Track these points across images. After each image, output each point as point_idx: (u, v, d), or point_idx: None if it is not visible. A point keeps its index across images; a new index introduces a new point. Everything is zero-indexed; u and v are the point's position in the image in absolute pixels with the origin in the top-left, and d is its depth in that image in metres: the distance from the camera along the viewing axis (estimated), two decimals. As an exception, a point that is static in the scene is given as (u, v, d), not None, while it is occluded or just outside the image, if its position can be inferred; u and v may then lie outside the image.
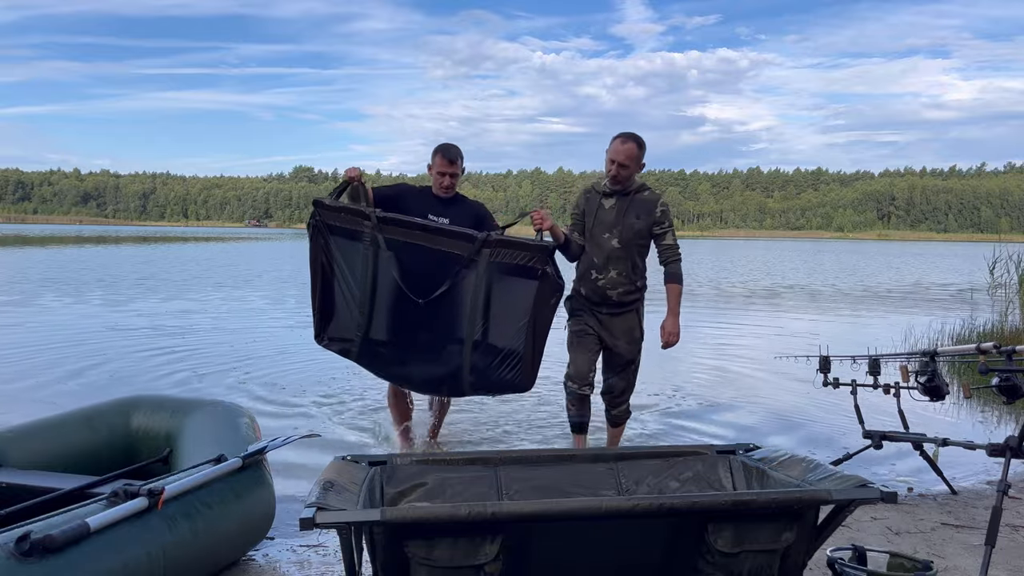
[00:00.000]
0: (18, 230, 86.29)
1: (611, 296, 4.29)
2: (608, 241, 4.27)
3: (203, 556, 2.73)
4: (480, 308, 3.95)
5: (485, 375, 4.03)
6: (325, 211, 4.05)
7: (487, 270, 3.94)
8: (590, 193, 4.41)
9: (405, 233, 4.01)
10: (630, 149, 4.19)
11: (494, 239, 3.93)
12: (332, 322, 4.14)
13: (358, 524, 1.72)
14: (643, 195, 4.29)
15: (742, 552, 1.85)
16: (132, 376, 7.40)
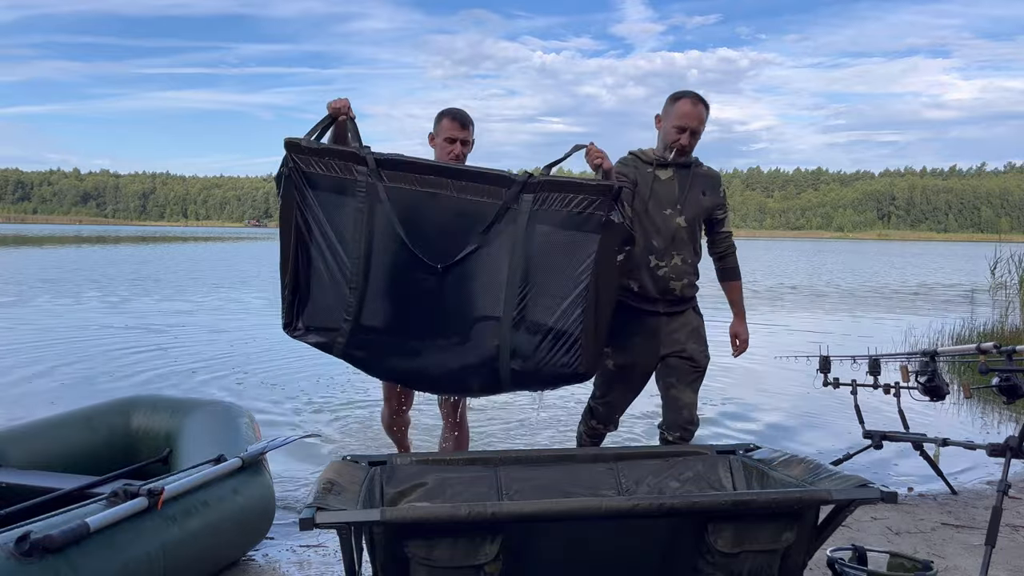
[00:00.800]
0: (17, 230, 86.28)
1: (674, 289, 3.41)
2: (671, 219, 3.38)
3: (203, 556, 2.73)
4: (520, 273, 2.97)
5: (531, 362, 3.01)
6: (303, 156, 3.02)
7: (530, 223, 2.97)
8: (636, 162, 3.46)
9: (415, 180, 3.02)
10: (702, 113, 3.37)
11: (539, 180, 2.98)
12: (309, 305, 3.10)
13: (358, 524, 1.72)
14: (703, 169, 3.51)
15: (742, 552, 1.84)
16: (131, 376, 7.40)
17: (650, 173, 3.41)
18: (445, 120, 3.46)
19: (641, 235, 3.36)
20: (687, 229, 3.41)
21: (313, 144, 3.01)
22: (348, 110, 3.08)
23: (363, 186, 3.03)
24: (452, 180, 3.00)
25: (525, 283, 2.98)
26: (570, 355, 2.98)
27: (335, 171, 3.03)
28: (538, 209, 2.97)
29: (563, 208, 2.97)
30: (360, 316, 3.07)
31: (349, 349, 3.11)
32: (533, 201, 2.97)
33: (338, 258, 3.06)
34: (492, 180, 2.99)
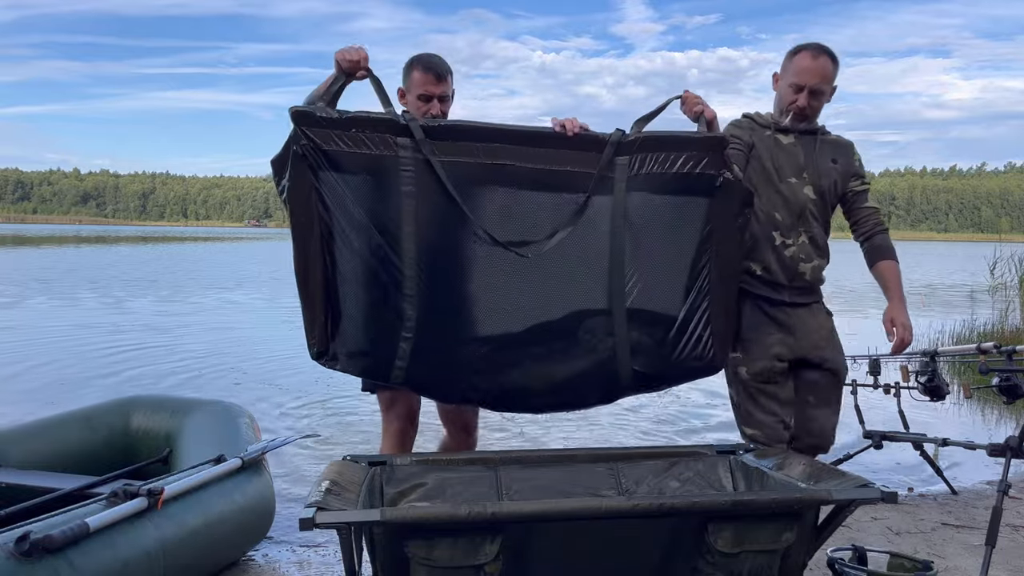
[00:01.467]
0: (17, 230, 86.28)
1: (803, 273, 2.82)
2: (798, 189, 2.81)
3: (203, 556, 2.73)
4: (627, 254, 2.45)
5: (657, 359, 2.51)
6: (318, 129, 2.32)
7: (628, 191, 2.45)
8: (752, 124, 2.91)
9: (477, 151, 2.40)
10: (825, 68, 2.77)
11: (635, 139, 2.45)
12: (347, 325, 2.40)
13: (358, 524, 1.72)
14: (831, 136, 2.94)
15: (742, 552, 1.85)
16: (131, 376, 7.40)
17: (769, 136, 2.84)
18: (416, 72, 2.71)
19: (763, 208, 2.80)
20: (817, 202, 2.84)
21: (332, 113, 2.30)
22: (366, 62, 2.42)
23: (410, 163, 2.35)
24: (527, 147, 2.40)
25: (634, 265, 2.47)
26: (701, 345, 2.51)
27: (368, 146, 2.34)
28: (636, 174, 2.45)
29: (666, 170, 2.45)
30: (425, 330, 2.38)
31: (414, 374, 2.42)
32: (631, 164, 2.45)
33: (384, 259, 2.35)
34: (579, 143, 2.43)
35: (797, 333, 2.83)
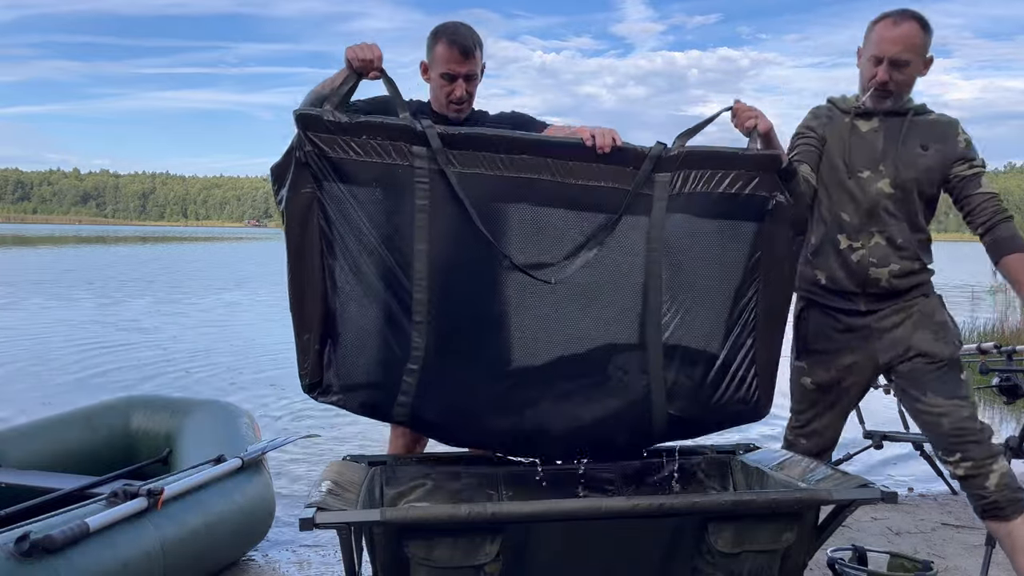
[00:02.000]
0: (17, 230, 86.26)
1: (877, 279, 2.48)
2: (869, 184, 2.49)
3: (203, 556, 2.73)
4: (663, 282, 2.18)
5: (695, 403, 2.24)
6: (326, 135, 2.08)
7: (668, 212, 2.18)
8: (831, 111, 2.61)
9: (500, 162, 2.15)
10: (909, 34, 2.40)
11: (678, 154, 2.18)
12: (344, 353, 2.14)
13: (358, 524, 1.72)
14: (928, 117, 2.55)
15: (742, 552, 1.84)
16: (131, 377, 7.40)
17: (847, 124, 2.53)
18: (440, 46, 2.42)
19: (828, 207, 2.54)
20: (895, 197, 2.48)
21: (342, 117, 2.06)
22: (380, 62, 2.18)
23: (425, 175, 2.11)
24: (555, 160, 2.15)
25: (672, 295, 2.20)
26: (744, 388, 2.23)
27: (379, 155, 2.10)
28: (678, 193, 2.18)
29: (711, 189, 2.19)
30: (433, 362, 2.12)
31: (419, 411, 2.15)
32: (670, 183, 2.18)
33: (391, 280, 2.11)
34: (615, 157, 2.15)
35: (875, 338, 2.50)
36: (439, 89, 2.45)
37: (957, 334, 2.51)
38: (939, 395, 2.40)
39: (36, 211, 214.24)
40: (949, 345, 2.45)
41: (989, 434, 2.37)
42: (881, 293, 2.49)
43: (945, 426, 2.38)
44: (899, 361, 2.48)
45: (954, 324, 2.53)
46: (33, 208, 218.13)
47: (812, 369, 2.58)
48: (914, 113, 2.52)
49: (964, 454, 2.35)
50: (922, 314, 2.49)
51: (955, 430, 2.36)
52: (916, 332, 2.47)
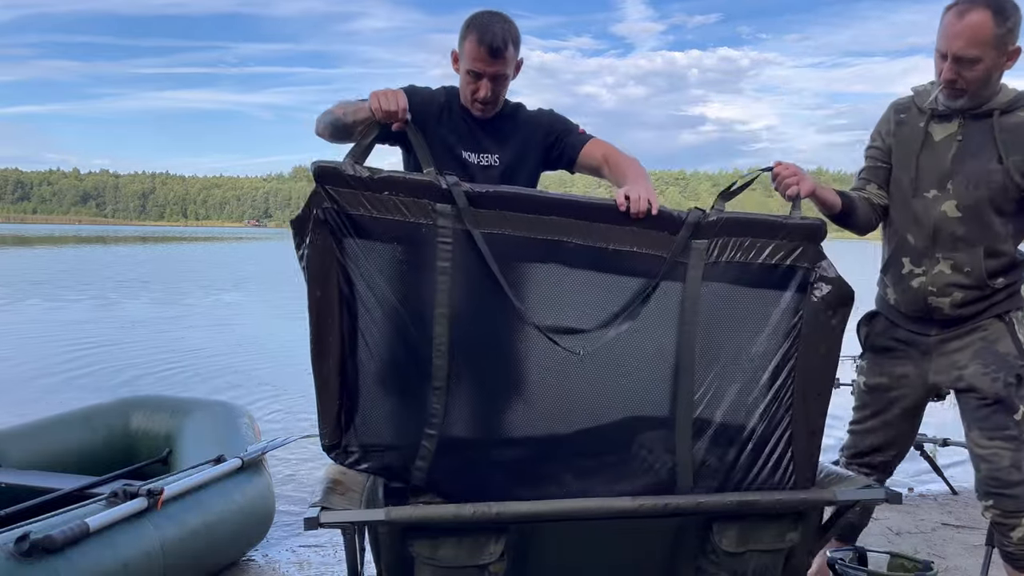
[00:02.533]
0: (16, 230, 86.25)
1: (940, 306, 2.33)
2: (933, 205, 2.30)
3: (203, 556, 2.72)
4: (696, 355, 2.08)
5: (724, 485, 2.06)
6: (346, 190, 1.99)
7: (704, 279, 2.10)
8: (906, 113, 2.39)
9: (527, 223, 2.06)
10: (975, 26, 2.13)
11: (717, 220, 2.08)
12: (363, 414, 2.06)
13: (362, 524, 1.72)
14: (1016, 117, 2.24)
15: (747, 552, 1.84)
16: (131, 376, 7.40)
17: (920, 129, 2.32)
18: (469, 42, 2.26)
19: (896, 226, 2.40)
20: (963, 220, 2.26)
21: (363, 172, 1.98)
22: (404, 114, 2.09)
23: (448, 234, 2.02)
24: (587, 222, 2.05)
25: (705, 369, 2.09)
26: (779, 470, 2.07)
27: (401, 212, 2.01)
28: (715, 261, 2.08)
29: (751, 259, 2.09)
30: (452, 428, 2.03)
31: (436, 477, 2.04)
32: (707, 250, 2.08)
33: (412, 343, 2.04)
34: (650, 222, 2.05)
35: (933, 357, 2.37)
36: (465, 85, 2.31)
37: (1017, 366, 2.27)
38: (983, 435, 2.29)
39: (36, 211, 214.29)
40: (999, 382, 2.25)
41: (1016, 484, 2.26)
42: (944, 320, 2.34)
43: (983, 471, 2.30)
44: (950, 387, 2.38)
45: (1020, 351, 2.29)
46: (33, 208, 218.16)
47: (867, 369, 2.51)
48: (1002, 112, 2.22)
49: (996, 503, 2.28)
50: (986, 342, 2.31)
51: (991, 479, 2.27)
52: (973, 362, 2.31)
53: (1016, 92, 2.24)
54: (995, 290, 2.29)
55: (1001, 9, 2.12)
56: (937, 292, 2.30)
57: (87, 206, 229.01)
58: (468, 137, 2.33)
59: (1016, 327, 2.32)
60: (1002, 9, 2.12)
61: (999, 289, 2.29)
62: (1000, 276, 2.29)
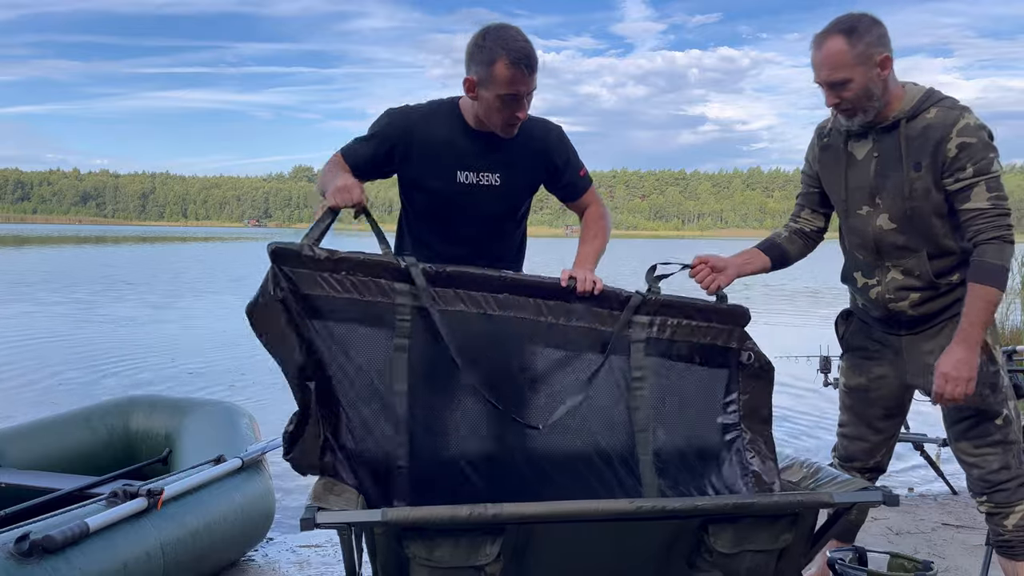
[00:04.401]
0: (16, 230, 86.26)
1: (901, 310, 2.37)
2: (869, 220, 2.36)
3: (203, 556, 2.73)
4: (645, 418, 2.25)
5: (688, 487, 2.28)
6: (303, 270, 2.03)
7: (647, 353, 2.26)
8: (829, 136, 2.45)
9: (482, 301, 2.16)
10: (832, 52, 2.21)
11: (655, 300, 2.24)
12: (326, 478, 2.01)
13: (359, 524, 1.72)
14: (923, 120, 2.26)
15: (742, 552, 1.85)
16: (130, 377, 7.40)
17: (842, 150, 2.38)
18: (501, 66, 2.16)
19: (845, 240, 2.49)
20: (898, 231, 2.32)
21: (320, 253, 2.01)
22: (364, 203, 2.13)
23: (407, 312, 2.08)
24: (540, 300, 2.18)
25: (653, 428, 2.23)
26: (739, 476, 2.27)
27: (358, 291, 2.06)
28: (657, 337, 2.25)
29: (688, 337, 2.27)
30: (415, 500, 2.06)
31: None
32: (649, 324, 2.24)
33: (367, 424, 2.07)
34: (596, 299, 2.21)
35: (906, 356, 2.42)
36: (495, 111, 2.23)
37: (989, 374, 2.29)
38: (971, 444, 2.36)
39: (36, 211, 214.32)
40: (976, 396, 2.26)
41: (1019, 481, 2.33)
42: (910, 321, 2.38)
43: (974, 475, 2.38)
44: (927, 392, 2.39)
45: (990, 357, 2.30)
46: (33, 208, 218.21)
47: (847, 370, 2.57)
48: (908, 119, 2.26)
49: (989, 498, 2.36)
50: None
51: (982, 481, 2.35)
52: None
53: (923, 93, 2.29)
54: (952, 286, 2.32)
55: (853, 29, 2.20)
56: (895, 298, 2.36)
57: (87, 206, 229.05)
58: (471, 156, 2.32)
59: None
60: (854, 29, 2.20)
61: (957, 284, 2.32)
62: (953, 272, 2.32)
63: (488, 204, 2.36)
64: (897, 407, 2.53)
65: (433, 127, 2.31)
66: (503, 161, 2.33)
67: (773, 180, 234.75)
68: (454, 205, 2.35)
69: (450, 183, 2.31)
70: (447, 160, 2.30)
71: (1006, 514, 2.34)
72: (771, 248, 2.58)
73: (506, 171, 2.34)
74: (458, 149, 2.30)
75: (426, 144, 2.30)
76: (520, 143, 2.34)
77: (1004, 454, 2.32)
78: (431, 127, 2.31)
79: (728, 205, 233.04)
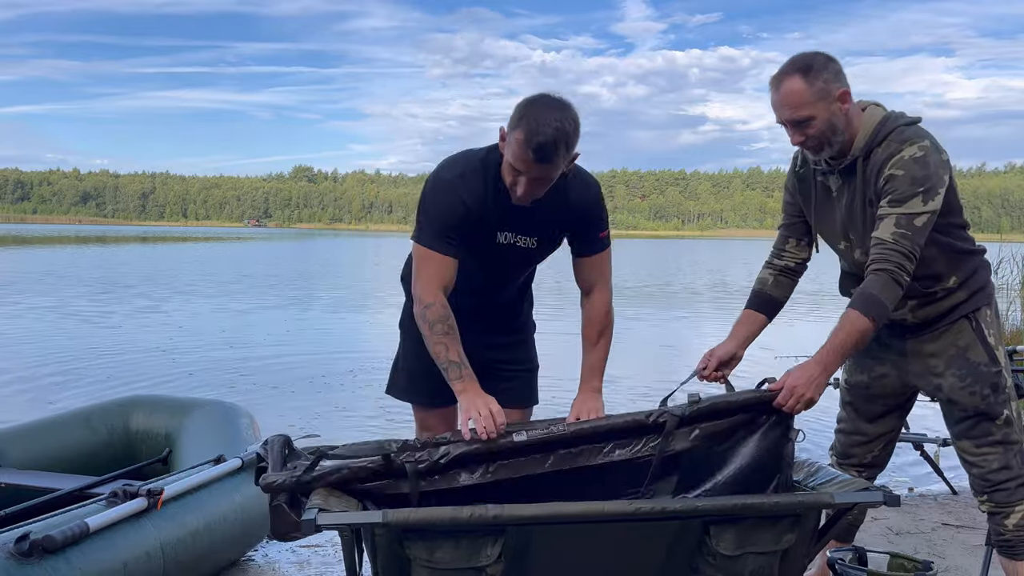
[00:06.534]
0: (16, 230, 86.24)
1: (903, 318, 2.39)
2: (849, 252, 2.42)
3: (202, 556, 2.73)
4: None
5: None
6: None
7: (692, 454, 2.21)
8: (803, 168, 2.47)
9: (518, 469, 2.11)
10: (791, 92, 2.22)
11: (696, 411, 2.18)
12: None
13: (360, 526, 1.72)
14: (876, 153, 2.27)
15: (744, 554, 1.84)
16: (130, 376, 7.40)
17: (818, 185, 2.42)
18: (517, 136, 2.08)
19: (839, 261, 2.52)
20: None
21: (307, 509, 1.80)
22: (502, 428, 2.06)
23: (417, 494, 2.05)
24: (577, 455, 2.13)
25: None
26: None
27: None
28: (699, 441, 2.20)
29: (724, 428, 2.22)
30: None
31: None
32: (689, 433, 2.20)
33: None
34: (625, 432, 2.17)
35: (911, 356, 2.42)
36: (506, 173, 2.18)
37: (990, 375, 2.32)
38: (971, 444, 2.38)
39: (36, 211, 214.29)
40: (976, 396, 2.31)
41: (1019, 481, 2.35)
42: (913, 326, 2.39)
43: (975, 473, 2.40)
44: (930, 394, 2.44)
45: (992, 357, 2.33)
46: (33, 208, 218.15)
47: (850, 366, 2.56)
48: (864, 157, 2.27)
49: (989, 497, 2.39)
50: (958, 349, 2.35)
51: (983, 480, 2.38)
52: (948, 371, 2.36)
53: (874, 126, 2.27)
54: (949, 291, 2.34)
55: (808, 68, 2.21)
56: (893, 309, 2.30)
57: (87, 206, 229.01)
58: (509, 217, 2.25)
59: (984, 330, 2.37)
60: (809, 68, 2.21)
61: (954, 289, 2.34)
62: (949, 277, 2.33)
63: (519, 265, 2.39)
64: (897, 405, 2.54)
65: (475, 189, 2.22)
66: (541, 222, 2.28)
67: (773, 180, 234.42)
68: (486, 262, 2.33)
69: (490, 242, 2.28)
70: (490, 220, 2.24)
71: (1007, 513, 2.36)
72: (764, 305, 2.56)
73: (542, 233, 2.31)
74: (500, 209, 2.23)
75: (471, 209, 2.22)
76: (559, 203, 2.26)
77: (1005, 454, 2.34)
78: (473, 190, 2.22)
79: (728, 205, 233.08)
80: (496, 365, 2.44)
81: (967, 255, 2.37)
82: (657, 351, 10.19)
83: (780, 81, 2.25)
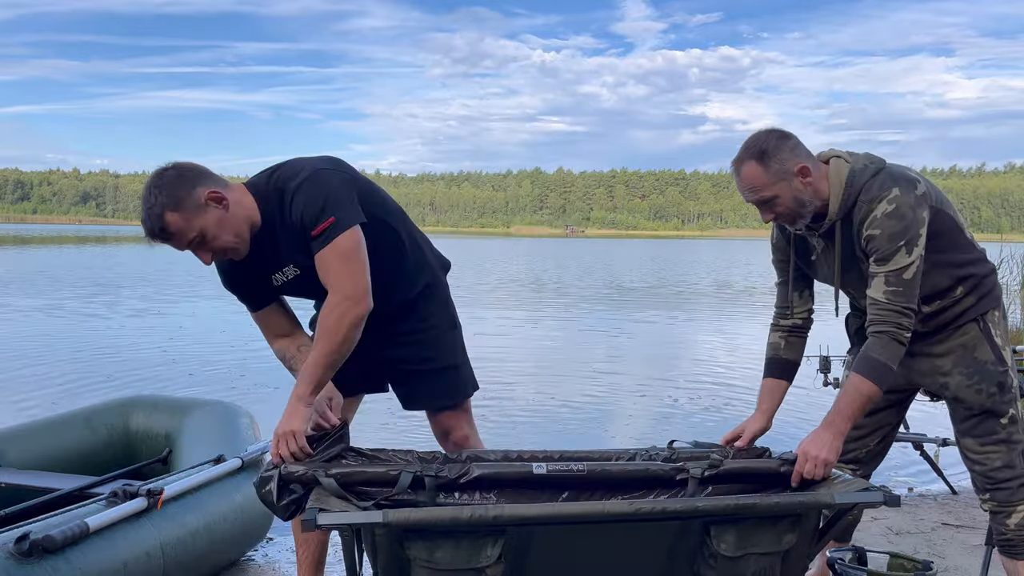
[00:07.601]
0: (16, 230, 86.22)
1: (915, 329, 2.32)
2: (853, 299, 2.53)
3: (202, 556, 2.73)
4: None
5: None
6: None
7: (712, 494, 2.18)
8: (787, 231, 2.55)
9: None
10: (749, 177, 2.30)
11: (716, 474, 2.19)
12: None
13: (360, 526, 1.72)
14: (854, 212, 2.30)
15: (745, 555, 1.84)
16: (130, 377, 7.40)
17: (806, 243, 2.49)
18: None
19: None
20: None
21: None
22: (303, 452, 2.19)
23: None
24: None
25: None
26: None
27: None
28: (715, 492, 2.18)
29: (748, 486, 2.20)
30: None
31: None
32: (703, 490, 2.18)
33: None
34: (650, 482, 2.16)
35: (918, 355, 2.43)
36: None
37: (997, 373, 2.35)
38: (975, 442, 2.40)
39: (36, 211, 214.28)
40: (983, 394, 2.35)
41: (1021, 480, 2.38)
42: (922, 333, 2.39)
43: (977, 471, 2.42)
44: (935, 392, 2.47)
45: (999, 357, 2.36)
46: (33, 208, 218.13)
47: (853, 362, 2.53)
48: (841, 221, 2.31)
49: (991, 496, 2.41)
50: (965, 348, 2.38)
51: (985, 478, 2.40)
52: (955, 370, 2.39)
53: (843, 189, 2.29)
54: (956, 299, 2.36)
55: (763, 153, 2.25)
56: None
57: (87, 206, 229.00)
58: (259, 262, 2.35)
59: (992, 330, 2.39)
60: (763, 152, 2.25)
61: (961, 297, 2.36)
62: (954, 289, 2.36)
63: (313, 290, 2.29)
64: (897, 400, 2.56)
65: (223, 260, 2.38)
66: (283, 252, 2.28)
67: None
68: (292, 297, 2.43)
69: (271, 288, 2.39)
70: (250, 275, 2.37)
71: (1008, 513, 2.39)
72: (782, 371, 2.59)
73: (292, 259, 2.28)
74: (250, 262, 2.30)
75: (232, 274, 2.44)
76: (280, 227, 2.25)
77: (1008, 453, 2.37)
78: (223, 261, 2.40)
79: (728, 205, 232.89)
80: (399, 365, 2.57)
81: (970, 264, 2.39)
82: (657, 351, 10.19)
83: (739, 168, 2.31)
